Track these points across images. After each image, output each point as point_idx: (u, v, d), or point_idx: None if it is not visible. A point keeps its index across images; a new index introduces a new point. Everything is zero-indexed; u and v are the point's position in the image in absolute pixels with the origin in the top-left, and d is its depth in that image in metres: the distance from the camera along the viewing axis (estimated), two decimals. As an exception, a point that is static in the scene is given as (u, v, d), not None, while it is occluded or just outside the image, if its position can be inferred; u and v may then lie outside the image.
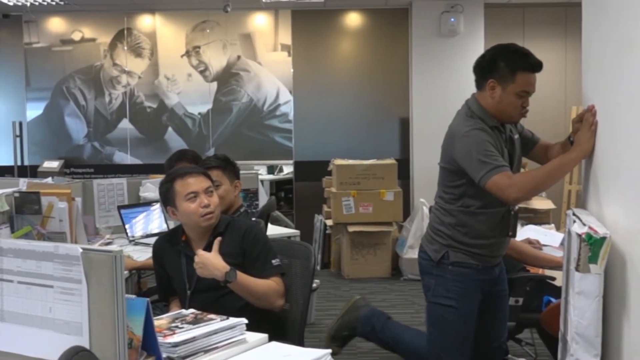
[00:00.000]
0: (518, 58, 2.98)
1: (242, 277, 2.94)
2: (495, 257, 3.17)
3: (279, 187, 9.52)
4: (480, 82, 3.06)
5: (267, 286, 2.99)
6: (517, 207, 3.15)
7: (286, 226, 6.79)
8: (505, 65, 2.97)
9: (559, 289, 3.14)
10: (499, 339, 3.32)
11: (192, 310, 2.65)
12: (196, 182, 3.09)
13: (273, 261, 3.06)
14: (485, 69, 3.03)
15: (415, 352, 3.55)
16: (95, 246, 3.07)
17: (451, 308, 3.12)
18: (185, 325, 2.41)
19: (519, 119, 3.11)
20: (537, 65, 2.97)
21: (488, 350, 3.28)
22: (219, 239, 3.00)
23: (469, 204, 3.05)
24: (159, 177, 5.16)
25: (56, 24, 9.54)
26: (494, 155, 2.90)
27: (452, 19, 7.87)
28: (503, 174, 2.85)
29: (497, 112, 3.01)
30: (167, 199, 3.14)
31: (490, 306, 3.24)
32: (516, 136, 3.15)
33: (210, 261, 2.93)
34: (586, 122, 2.67)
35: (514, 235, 3.22)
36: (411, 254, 6.96)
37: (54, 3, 8.65)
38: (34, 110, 9.71)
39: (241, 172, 3.99)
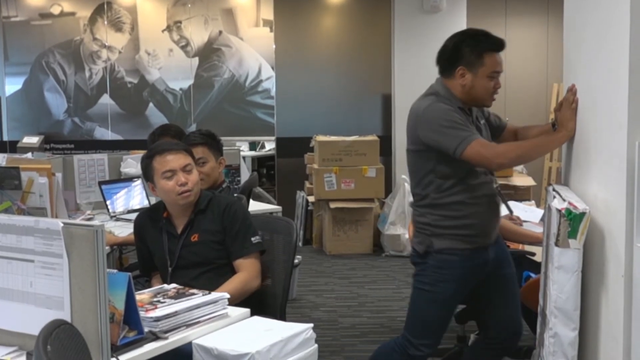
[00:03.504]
0: (481, 40, 2.96)
1: None
2: (484, 236, 3.05)
3: (261, 164, 9.50)
4: (446, 71, 3.01)
5: (235, 286, 2.90)
6: (498, 183, 3.15)
7: (268, 202, 6.77)
8: (470, 51, 2.93)
9: (538, 264, 3.17)
10: (512, 324, 3.21)
11: (174, 285, 2.66)
12: (174, 160, 3.04)
13: (253, 239, 3.05)
14: (450, 58, 2.98)
15: None
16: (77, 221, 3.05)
17: (424, 292, 3.07)
18: (167, 300, 2.41)
19: (491, 103, 3.04)
20: (500, 44, 2.96)
21: (503, 334, 3.21)
22: None
23: (441, 183, 2.97)
24: (140, 153, 5.14)
25: (35, -2, 9.42)
26: (463, 124, 2.85)
27: (435, -5, 7.84)
28: (480, 140, 2.82)
29: (469, 98, 2.97)
30: (147, 174, 3.13)
31: (493, 290, 3.18)
32: (482, 121, 3.11)
33: None
34: (567, 101, 2.68)
35: (499, 205, 3.18)
36: (392, 230, 6.99)
37: (32, -24, 8.54)
38: (12, 85, 9.62)
39: (223, 148, 3.98)
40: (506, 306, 3.21)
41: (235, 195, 3.95)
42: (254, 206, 5.09)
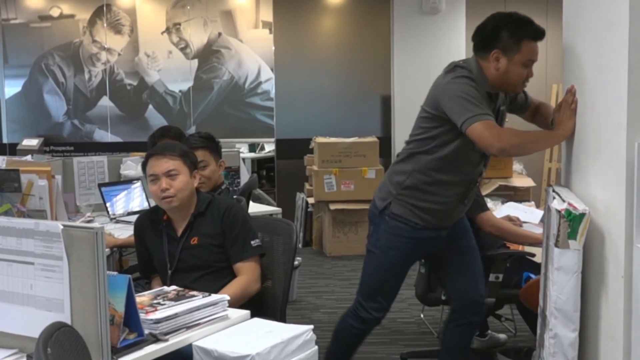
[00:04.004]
0: (522, 27, 2.92)
1: None
2: (440, 222, 3.12)
3: (260, 165, 9.50)
4: (481, 50, 2.97)
5: (235, 291, 2.89)
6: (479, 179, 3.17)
7: (268, 204, 6.79)
8: (509, 36, 2.90)
9: (538, 265, 3.18)
10: (470, 293, 3.30)
11: (174, 287, 2.66)
12: (157, 165, 3.03)
13: (252, 242, 3.04)
14: (487, 39, 2.94)
15: None
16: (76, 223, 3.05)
17: (374, 255, 3.17)
18: (167, 302, 2.41)
19: (522, 89, 3.05)
20: (541, 33, 2.92)
21: (462, 304, 3.30)
22: None
23: (438, 153, 3.00)
24: (140, 155, 5.15)
25: (34, 0, 9.42)
26: (479, 103, 2.84)
27: (434, -3, 7.85)
28: (488, 122, 2.80)
29: (501, 82, 2.95)
30: (145, 176, 3.15)
31: (450, 262, 3.28)
32: (502, 107, 3.11)
33: None
34: (566, 102, 2.68)
35: (468, 204, 3.23)
36: (392, 231, 6.99)
37: (31, -22, 8.54)
38: (12, 88, 9.62)
39: (223, 150, 3.98)
40: (462, 277, 3.29)
41: (234, 197, 3.94)
42: (254, 208, 5.09)
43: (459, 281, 3.30)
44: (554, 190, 2.68)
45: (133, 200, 4.82)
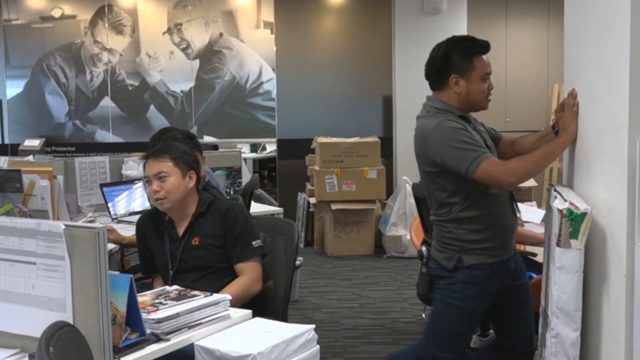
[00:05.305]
0: (468, 45, 2.95)
1: None
2: (508, 246, 3.03)
3: (262, 165, 9.51)
4: (438, 83, 2.99)
5: (236, 291, 2.90)
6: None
7: (269, 204, 6.79)
8: (459, 57, 2.92)
9: (540, 265, 3.17)
10: (527, 333, 3.17)
11: (175, 286, 2.66)
12: (150, 167, 3.06)
13: (254, 243, 3.04)
14: (441, 69, 2.96)
15: None
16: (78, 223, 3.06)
17: (452, 306, 3.01)
18: (169, 302, 2.42)
19: (487, 105, 3.01)
20: (487, 46, 2.97)
21: (516, 347, 3.17)
22: None
23: (464, 197, 2.92)
24: (141, 155, 5.16)
25: (36, 1, 9.43)
26: (472, 142, 2.82)
27: (435, -3, 7.85)
28: (490, 160, 2.78)
29: (466, 104, 2.95)
30: None
31: (511, 301, 3.15)
32: (482, 128, 3.06)
33: None
34: (568, 105, 2.68)
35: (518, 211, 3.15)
36: (394, 231, 6.99)
37: (33, -21, 8.55)
38: (14, 88, 9.63)
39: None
40: (522, 315, 3.17)
41: (230, 195, 3.95)
42: (255, 208, 5.10)
43: (519, 322, 3.17)
44: (555, 190, 2.68)
45: (135, 200, 4.83)
